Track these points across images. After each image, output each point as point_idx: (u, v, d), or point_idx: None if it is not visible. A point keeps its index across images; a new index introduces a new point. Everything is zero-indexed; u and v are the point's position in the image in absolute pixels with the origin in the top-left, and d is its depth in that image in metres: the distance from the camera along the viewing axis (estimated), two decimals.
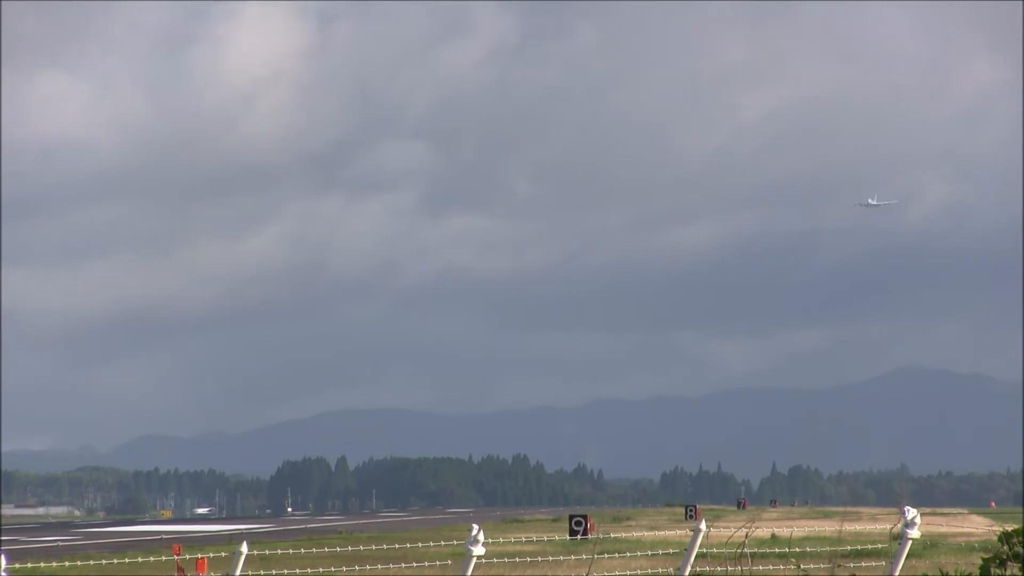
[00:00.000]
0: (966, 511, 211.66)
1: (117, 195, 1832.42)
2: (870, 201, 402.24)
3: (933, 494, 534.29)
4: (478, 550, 29.56)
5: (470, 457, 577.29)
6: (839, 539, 64.79)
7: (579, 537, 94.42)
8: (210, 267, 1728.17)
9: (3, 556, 34.84)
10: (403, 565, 66.96)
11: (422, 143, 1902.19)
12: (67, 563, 73.37)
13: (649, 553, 72.43)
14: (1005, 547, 33.63)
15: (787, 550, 66.06)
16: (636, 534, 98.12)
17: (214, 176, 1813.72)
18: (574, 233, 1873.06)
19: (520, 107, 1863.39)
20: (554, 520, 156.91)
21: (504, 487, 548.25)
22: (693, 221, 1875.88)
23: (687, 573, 34.88)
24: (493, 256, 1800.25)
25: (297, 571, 37.85)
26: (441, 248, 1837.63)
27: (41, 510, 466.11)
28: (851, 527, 67.21)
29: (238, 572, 31.31)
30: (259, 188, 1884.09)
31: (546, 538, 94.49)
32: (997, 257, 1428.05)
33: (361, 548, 72.20)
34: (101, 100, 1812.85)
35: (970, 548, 72.33)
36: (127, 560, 75.75)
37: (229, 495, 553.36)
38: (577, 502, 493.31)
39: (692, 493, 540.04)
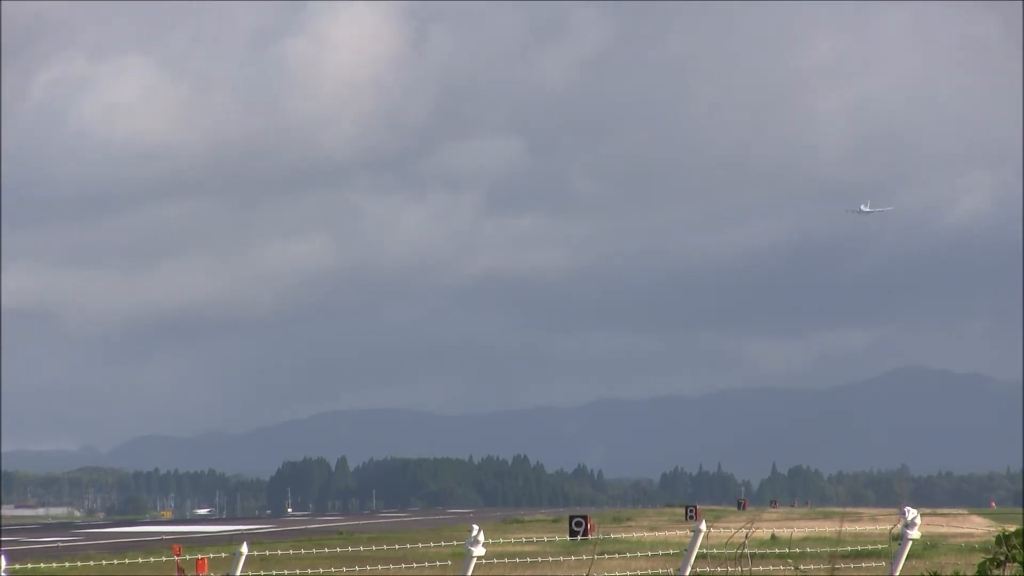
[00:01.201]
0: (966, 511, 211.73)
1: (176, 195, 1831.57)
2: (863, 208, 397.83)
3: (933, 494, 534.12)
4: (478, 551, 29.59)
5: (470, 457, 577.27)
6: (839, 539, 64.83)
7: (579, 538, 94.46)
8: (258, 269, 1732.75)
9: (3, 557, 34.87)
10: (403, 566, 67.00)
11: (497, 143, 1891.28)
12: (67, 564, 73.39)
13: (649, 554, 72.40)
14: (1003, 548, 33.65)
15: (787, 551, 66.09)
16: (636, 535, 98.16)
17: (284, 176, 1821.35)
18: (622, 235, 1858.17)
19: (598, 108, 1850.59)
20: (554, 521, 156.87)
21: (504, 487, 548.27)
22: (737, 224, 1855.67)
23: (687, 574, 34.90)
24: (538, 257, 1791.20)
25: (297, 572, 37.87)
26: (490, 249, 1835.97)
27: (41, 511, 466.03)
28: (851, 528, 67.25)
29: (238, 572, 31.33)
30: (327, 188, 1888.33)
31: (546, 539, 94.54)
32: (997, 257, 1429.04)
33: (361, 549, 72.25)
34: (177, 96, 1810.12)
35: (970, 549, 72.36)
36: (127, 561, 75.80)
37: (229, 495, 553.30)
38: (577, 502, 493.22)
39: (692, 493, 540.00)
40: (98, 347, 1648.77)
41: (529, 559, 61.99)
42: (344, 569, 57.74)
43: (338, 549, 79.66)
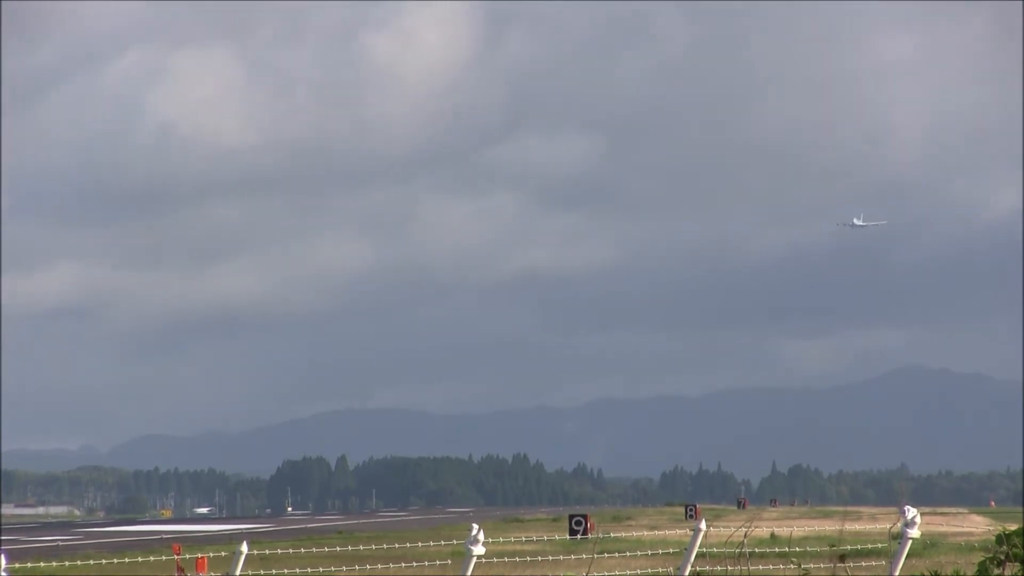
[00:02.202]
0: (966, 511, 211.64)
1: (237, 193, 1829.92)
2: (855, 222, 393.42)
3: (933, 493, 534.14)
4: (478, 550, 29.56)
5: (470, 457, 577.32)
6: (840, 538, 64.86)
7: (579, 537, 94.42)
8: (304, 269, 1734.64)
9: (3, 556, 34.85)
10: (403, 565, 66.99)
11: (560, 142, 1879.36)
12: (67, 563, 73.38)
13: (649, 553, 72.42)
14: (1003, 547, 33.65)
15: (787, 549, 66.10)
16: (636, 534, 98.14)
17: (347, 174, 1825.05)
18: (663, 235, 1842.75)
19: (662, 107, 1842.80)
20: (554, 520, 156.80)
21: (504, 487, 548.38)
22: (771, 227, 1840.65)
23: (687, 573, 34.89)
24: (574, 257, 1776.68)
25: (297, 571, 37.87)
26: (530, 248, 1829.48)
27: (41, 510, 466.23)
28: (851, 526, 67.23)
29: (238, 572, 31.32)
30: (387, 187, 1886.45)
31: (546, 538, 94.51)
32: (997, 257, 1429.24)
33: (361, 548, 72.15)
34: (248, 92, 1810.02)
35: (970, 548, 72.34)
36: (127, 560, 75.77)
37: (229, 495, 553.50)
38: (577, 501, 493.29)
39: (692, 492, 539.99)
40: (104, 348, 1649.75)
41: (529, 558, 62.00)
42: (344, 568, 57.73)
43: (338, 548, 79.61)
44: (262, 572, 38.50)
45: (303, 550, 45.83)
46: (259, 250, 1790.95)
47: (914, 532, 31.90)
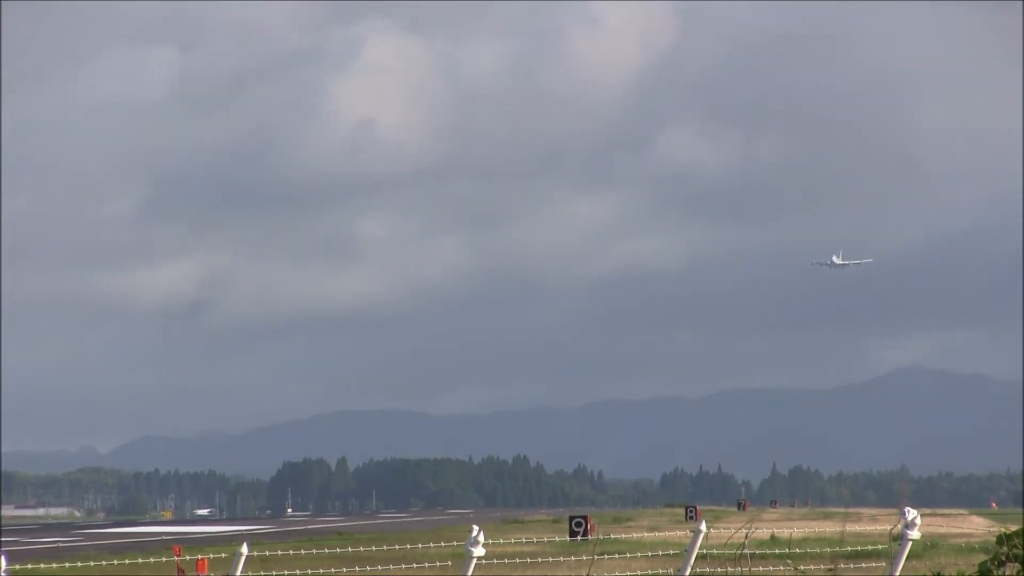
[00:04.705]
0: (966, 512, 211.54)
1: (367, 192, 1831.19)
2: (835, 260, 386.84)
3: (933, 495, 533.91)
4: (478, 551, 29.58)
5: (470, 458, 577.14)
6: (840, 540, 64.83)
7: (579, 538, 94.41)
8: (395, 270, 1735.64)
9: (3, 557, 34.87)
10: (403, 566, 66.98)
11: (698, 142, 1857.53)
12: (67, 564, 73.33)
13: (649, 554, 72.35)
14: (1004, 548, 33.69)
15: (787, 551, 66.09)
16: (636, 535, 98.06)
17: (481, 174, 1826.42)
18: (734, 238, 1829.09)
19: (794, 107, 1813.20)
20: (554, 521, 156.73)
21: (504, 488, 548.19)
22: (816, 234, 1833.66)
23: (687, 574, 34.90)
24: (628, 261, 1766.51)
25: (297, 572, 37.88)
26: (600, 253, 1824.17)
27: (41, 511, 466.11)
28: (851, 528, 67.23)
29: (238, 573, 31.33)
30: (499, 188, 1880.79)
31: (546, 539, 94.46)
32: (997, 257, 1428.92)
33: (361, 549, 72.20)
34: (408, 89, 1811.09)
35: (970, 549, 72.35)
36: (127, 561, 75.78)
37: (229, 496, 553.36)
38: (577, 503, 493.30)
39: (692, 494, 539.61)
40: (105, 349, 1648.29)
41: (529, 559, 62.05)
42: (344, 570, 57.72)
43: (338, 550, 79.65)
44: (262, 573, 38.55)
45: (303, 551, 45.76)
46: (344, 254, 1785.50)
47: (914, 534, 31.94)
